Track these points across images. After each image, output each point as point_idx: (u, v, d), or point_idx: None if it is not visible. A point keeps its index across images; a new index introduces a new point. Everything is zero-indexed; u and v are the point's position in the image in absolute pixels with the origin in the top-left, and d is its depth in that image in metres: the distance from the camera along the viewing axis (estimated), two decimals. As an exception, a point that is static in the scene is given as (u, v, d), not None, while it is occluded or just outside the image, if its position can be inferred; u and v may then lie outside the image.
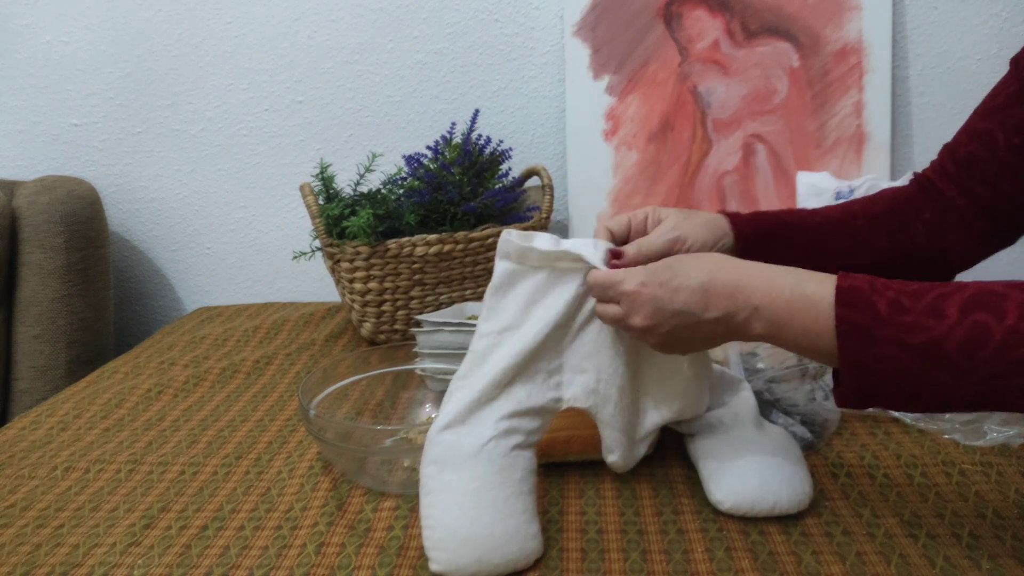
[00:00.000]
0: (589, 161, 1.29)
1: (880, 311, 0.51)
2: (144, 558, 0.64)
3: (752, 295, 0.57)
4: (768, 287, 0.56)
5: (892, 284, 0.53)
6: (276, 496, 0.73)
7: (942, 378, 0.50)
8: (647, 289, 0.60)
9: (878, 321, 0.51)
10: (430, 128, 1.37)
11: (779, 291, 0.56)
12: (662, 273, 0.60)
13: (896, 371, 0.51)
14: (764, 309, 0.56)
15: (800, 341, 0.55)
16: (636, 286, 0.60)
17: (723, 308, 0.58)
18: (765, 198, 1.28)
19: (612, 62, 1.28)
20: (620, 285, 0.61)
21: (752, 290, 0.57)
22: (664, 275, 0.60)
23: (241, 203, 1.43)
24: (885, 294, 0.52)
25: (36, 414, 0.94)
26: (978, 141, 0.73)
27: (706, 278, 0.59)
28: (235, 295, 1.48)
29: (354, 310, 1.13)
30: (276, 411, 0.93)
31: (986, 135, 0.72)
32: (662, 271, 0.61)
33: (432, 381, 0.90)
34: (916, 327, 0.50)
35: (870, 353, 0.51)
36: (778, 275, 0.57)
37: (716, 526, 0.65)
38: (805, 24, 1.25)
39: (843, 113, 1.26)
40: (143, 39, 1.36)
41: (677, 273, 0.60)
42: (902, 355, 0.50)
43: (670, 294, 0.59)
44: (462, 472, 0.61)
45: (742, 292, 0.57)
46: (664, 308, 0.59)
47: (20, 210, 1.26)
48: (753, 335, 0.58)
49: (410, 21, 1.33)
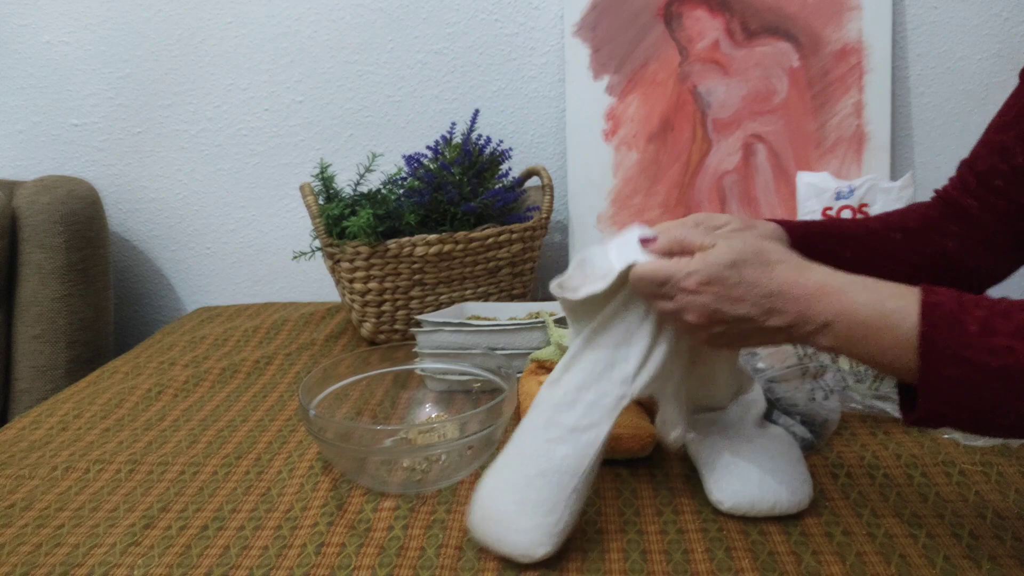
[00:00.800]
0: (589, 161, 1.29)
1: (969, 331, 0.49)
2: (144, 558, 0.64)
3: (825, 310, 0.54)
4: (843, 303, 0.53)
5: (981, 302, 0.50)
6: (276, 496, 0.73)
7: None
8: (707, 291, 0.56)
9: (966, 342, 0.48)
10: (430, 128, 1.37)
11: (855, 308, 0.53)
12: (727, 275, 0.56)
13: (979, 394, 0.48)
14: (837, 325, 0.54)
15: (876, 358, 0.53)
16: (696, 285, 0.57)
17: (789, 320, 0.55)
18: (765, 198, 1.28)
19: (612, 62, 1.28)
20: (678, 281, 0.57)
21: (826, 306, 0.54)
22: (730, 277, 0.56)
23: (241, 203, 1.43)
24: (974, 313, 0.49)
25: (36, 414, 0.94)
26: (996, 155, 0.72)
27: (776, 288, 0.55)
28: (235, 295, 1.48)
29: (354, 310, 1.13)
30: (276, 411, 0.93)
31: (1002, 148, 0.71)
32: (727, 272, 0.56)
33: (432, 381, 0.90)
34: (1006, 350, 0.47)
35: (954, 375, 0.49)
36: (855, 289, 0.54)
37: (716, 526, 0.65)
38: (805, 24, 1.25)
39: (843, 113, 1.26)
40: (143, 39, 1.36)
41: (744, 278, 0.56)
42: (988, 379, 0.48)
43: (732, 302, 0.56)
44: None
45: (815, 306, 0.54)
46: (723, 312, 0.56)
47: (20, 210, 1.26)
48: (817, 346, 0.56)
49: (410, 21, 1.33)
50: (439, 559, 0.62)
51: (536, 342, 0.93)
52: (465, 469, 0.74)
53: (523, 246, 1.16)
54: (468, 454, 0.73)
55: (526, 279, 1.20)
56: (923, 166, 1.33)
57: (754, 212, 1.28)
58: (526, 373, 0.89)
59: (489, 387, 0.85)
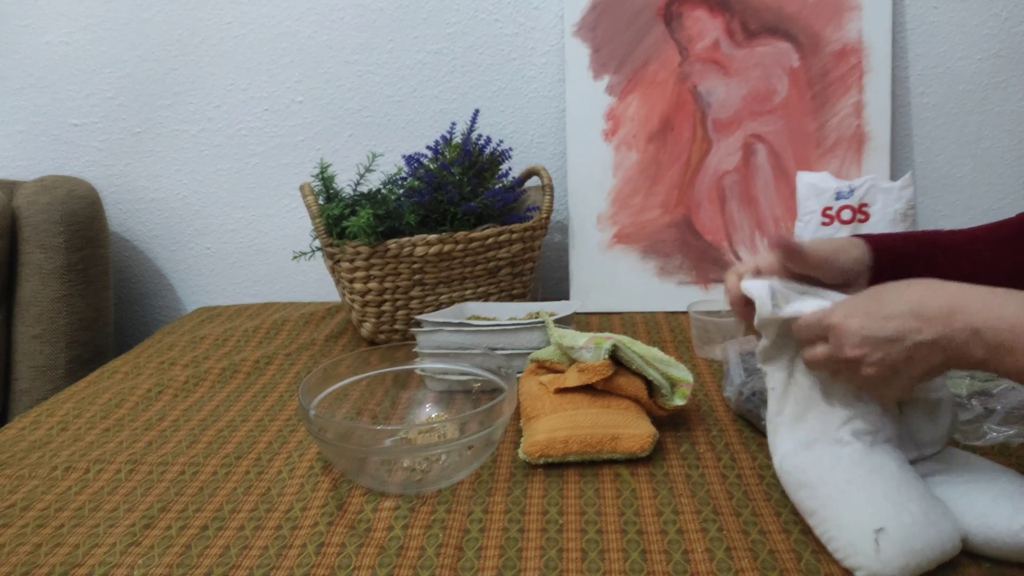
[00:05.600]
0: (589, 161, 1.29)
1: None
2: (144, 558, 0.64)
3: (971, 317, 0.53)
4: (988, 309, 0.53)
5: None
6: (276, 496, 0.73)
7: None
8: (854, 320, 0.58)
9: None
10: (430, 128, 1.37)
11: (1001, 313, 0.52)
12: (867, 304, 0.58)
13: None
14: (985, 332, 0.53)
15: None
16: (841, 318, 0.59)
17: (938, 331, 0.55)
18: (765, 198, 1.28)
19: (612, 62, 1.28)
20: (824, 320, 0.60)
21: (970, 313, 0.53)
22: (870, 305, 0.58)
23: (241, 203, 1.44)
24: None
25: (36, 414, 0.94)
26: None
27: (917, 303, 0.56)
28: (235, 295, 1.48)
29: (354, 310, 1.13)
30: (276, 411, 0.93)
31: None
32: (866, 302, 0.59)
33: (432, 381, 0.90)
34: None
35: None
36: (997, 297, 0.54)
37: (716, 526, 0.65)
38: (805, 24, 1.25)
39: (843, 113, 1.26)
40: (143, 39, 1.36)
41: (884, 302, 0.58)
42: None
43: (880, 322, 0.57)
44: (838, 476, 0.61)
45: (959, 315, 0.54)
46: (875, 335, 0.57)
47: (20, 210, 1.27)
48: (974, 361, 0.55)
49: (410, 21, 1.33)
50: (439, 559, 0.62)
51: (536, 342, 0.93)
52: (465, 469, 0.74)
53: (523, 246, 1.16)
54: (468, 454, 0.73)
55: (526, 279, 1.20)
56: (923, 166, 1.33)
57: (754, 212, 1.28)
58: (526, 373, 0.89)
59: (489, 387, 0.85)
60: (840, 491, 0.60)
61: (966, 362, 0.55)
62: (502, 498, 0.70)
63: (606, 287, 1.29)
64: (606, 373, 0.78)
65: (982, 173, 1.33)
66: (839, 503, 0.60)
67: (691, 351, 1.07)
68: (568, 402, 0.79)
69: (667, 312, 1.26)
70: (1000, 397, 0.82)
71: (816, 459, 0.62)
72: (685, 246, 1.28)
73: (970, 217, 1.34)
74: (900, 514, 0.57)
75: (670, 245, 1.28)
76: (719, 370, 0.99)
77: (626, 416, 0.77)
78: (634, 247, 1.28)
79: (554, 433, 0.75)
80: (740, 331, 1.00)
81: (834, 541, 0.59)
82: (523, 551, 0.63)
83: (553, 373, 0.86)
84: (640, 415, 0.79)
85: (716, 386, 0.94)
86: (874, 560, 0.56)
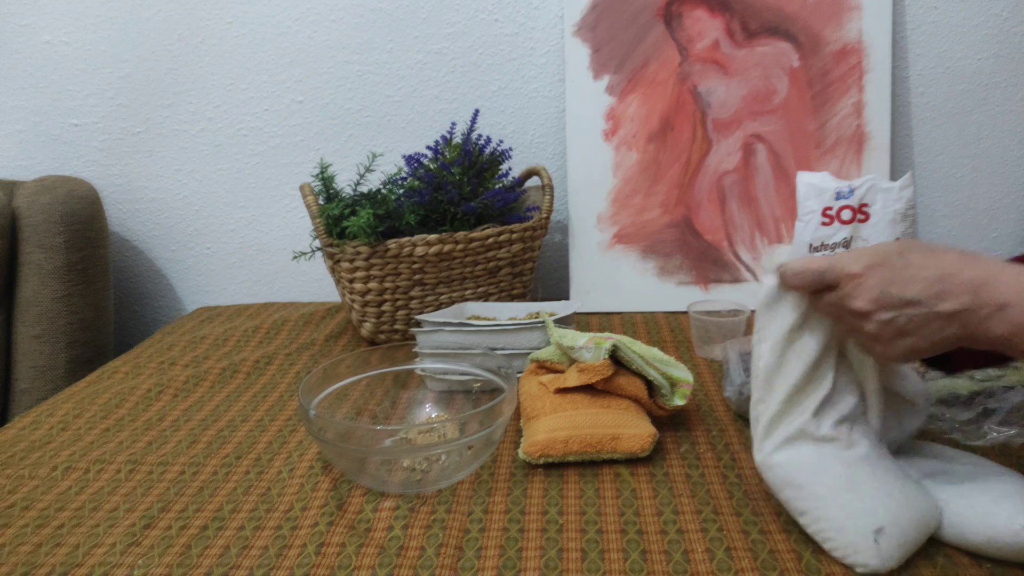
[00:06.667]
0: (589, 161, 1.29)
1: None
2: (144, 558, 0.64)
3: (1001, 292, 0.50)
4: (1020, 284, 0.50)
5: None
6: (276, 496, 0.73)
7: None
8: (876, 272, 0.54)
9: None
10: (430, 128, 1.37)
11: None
12: (894, 260, 0.55)
13: None
14: (1013, 308, 0.50)
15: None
16: (862, 268, 0.55)
17: (963, 302, 0.52)
18: (765, 198, 1.28)
19: (612, 62, 1.28)
20: (843, 268, 0.56)
21: (1002, 286, 0.51)
22: (896, 261, 0.54)
23: (241, 203, 1.44)
24: None
25: (36, 414, 0.94)
26: None
27: (947, 268, 0.53)
28: (235, 295, 1.48)
29: (354, 310, 1.13)
30: (276, 411, 0.93)
31: None
32: (894, 258, 0.55)
33: (432, 381, 0.90)
34: None
35: None
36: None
37: (716, 526, 0.65)
38: (805, 24, 1.25)
39: (843, 113, 1.26)
40: (143, 39, 1.36)
41: (911, 262, 0.54)
42: None
43: (902, 282, 0.54)
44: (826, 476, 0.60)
45: (989, 287, 0.51)
46: (893, 295, 0.54)
47: (20, 210, 1.26)
48: (991, 338, 0.52)
49: (410, 21, 1.33)
50: (439, 559, 0.62)
51: (536, 342, 0.93)
52: (465, 469, 0.74)
53: (523, 246, 1.16)
54: (468, 454, 0.73)
55: (526, 279, 1.20)
56: (923, 166, 1.33)
57: (754, 212, 1.28)
58: (526, 373, 0.89)
59: (489, 387, 0.85)
60: (830, 492, 0.60)
61: (982, 339, 0.53)
62: (502, 498, 0.70)
63: (606, 287, 1.29)
64: (606, 373, 0.78)
65: (982, 173, 1.33)
66: (832, 505, 0.60)
67: (691, 351, 1.07)
68: (568, 402, 0.79)
69: (667, 312, 1.26)
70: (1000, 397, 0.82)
71: (798, 458, 0.62)
72: (685, 246, 1.28)
73: (970, 217, 1.34)
74: (891, 509, 0.58)
75: (670, 245, 1.28)
76: (719, 370, 0.99)
77: (626, 416, 0.77)
78: (634, 247, 1.29)
79: (554, 433, 0.75)
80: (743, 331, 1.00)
81: (831, 541, 0.60)
82: (523, 551, 0.63)
83: (553, 373, 0.86)
84: (640, 415, 0.79)
85: (716, 386, 0.94)
86: (875, 557, 0.58)
